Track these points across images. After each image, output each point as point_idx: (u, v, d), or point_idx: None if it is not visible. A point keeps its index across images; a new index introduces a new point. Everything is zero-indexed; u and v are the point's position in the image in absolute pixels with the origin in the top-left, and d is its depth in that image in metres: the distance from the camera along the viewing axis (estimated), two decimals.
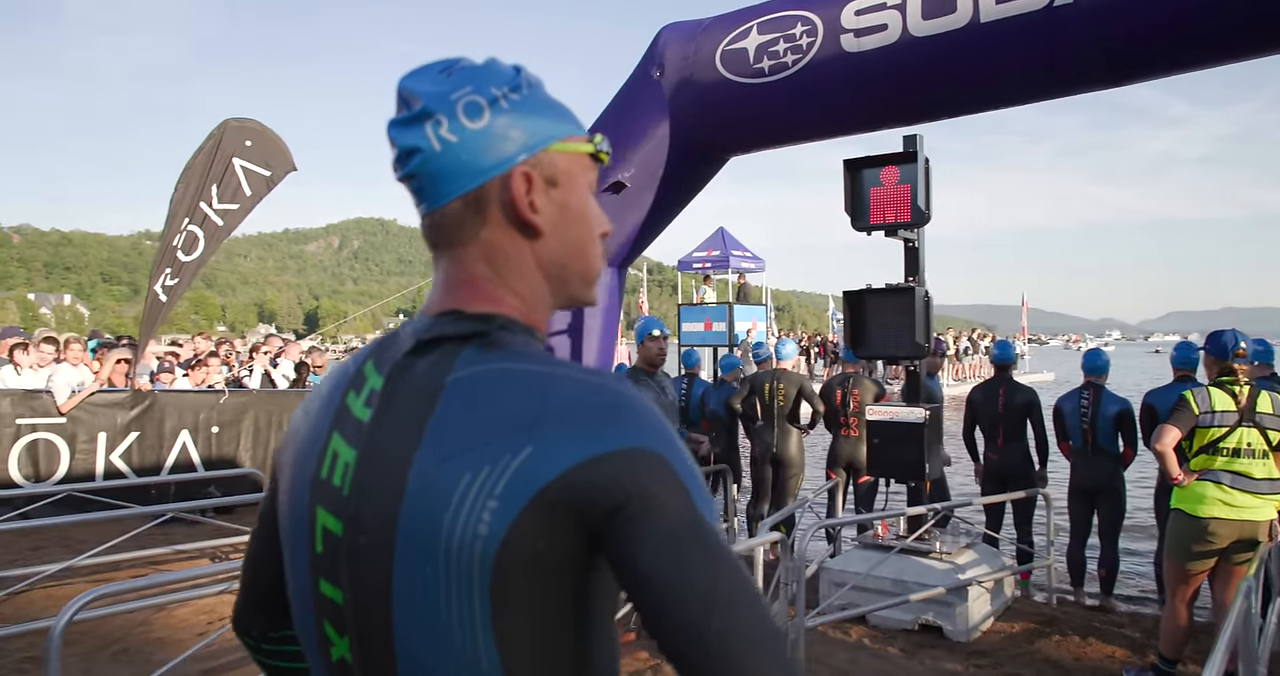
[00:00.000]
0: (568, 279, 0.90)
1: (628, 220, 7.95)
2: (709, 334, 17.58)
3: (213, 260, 42.48)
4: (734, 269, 19.73)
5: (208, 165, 8.18)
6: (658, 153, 7.54)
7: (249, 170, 8.44)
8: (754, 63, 6.76)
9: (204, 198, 8.15)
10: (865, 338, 5.45)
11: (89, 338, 10.96)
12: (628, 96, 7.77)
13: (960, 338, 30.64)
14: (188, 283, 8.41)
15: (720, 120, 7.26)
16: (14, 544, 6.59)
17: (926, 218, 5.20)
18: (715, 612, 0.70)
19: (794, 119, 6.91)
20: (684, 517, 0.73)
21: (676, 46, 7.36)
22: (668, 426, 0.78)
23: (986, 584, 5.27)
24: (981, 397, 6.43)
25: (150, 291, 8.19)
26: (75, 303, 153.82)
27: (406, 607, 0.75)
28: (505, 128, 0.84)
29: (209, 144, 8.23)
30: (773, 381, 6.65)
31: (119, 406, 7.78)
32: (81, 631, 4.56)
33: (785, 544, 4.06)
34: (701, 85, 7.16)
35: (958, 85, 5.91)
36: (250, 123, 8.59)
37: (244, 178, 8.42)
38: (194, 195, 8.11)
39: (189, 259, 8.22)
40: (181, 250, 8.13)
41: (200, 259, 8.31)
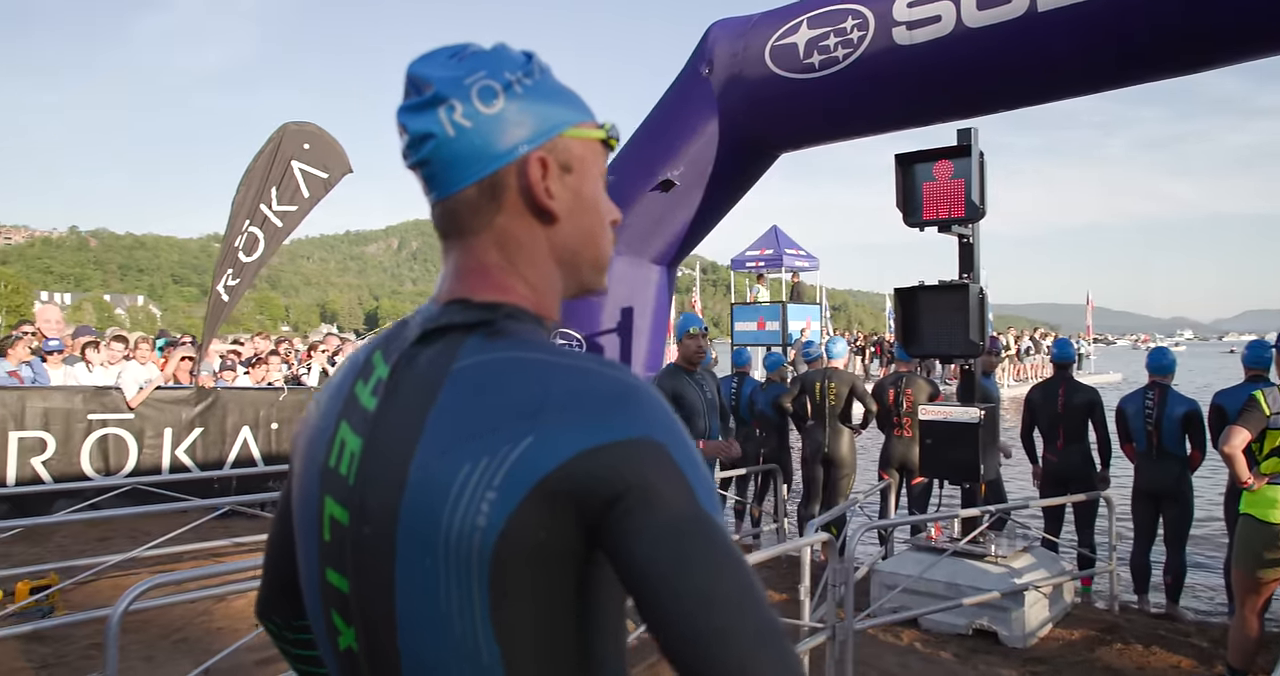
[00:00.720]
0: (580, 266, 0.89)
1: (677, 218, 7.93)
2: (762, 333, 17.45)
3: (277, 262, 43.62)
4: (787, 268, 19.56)
5: (267, 168, 8.38)
6: (707, 150, 7.51)
7: (307, 173, 8.63)
8: (804, 58, 6.68)
9: (264, 200, 8.36)
10: (918, 336, 5.34)
11: (157, 337, 11.33)
12: (676, 94, 7.75)
13: (1022, 337, 29.90)
14: (248, 283, 8.63)
15: (770, 116, 7.19)
16: (84, 534, 6.84)
17: (981, 213, 5.08)
18: (715, 610, 0.67)
19: (845, 114, 6.82)
20: (685, 511, 0.71)
21: (725, 43, 7.32)
22: (673, 417, 0.76)
23: (1045, 589, 5.13)
24: (1040, 398, 6.26)
25: (213, 291, 8.43)
26: (148, 303, 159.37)
27: (408, 599, 0.74)
28: (520, 113, 0.83)
29: (269, 147, 8.43)
30: (824, 380, 6.56)
31: (184, 403, 8.02)
32: (144, 620, 4.71)
33: (834, 544, 3.99)
34: (751, 81, 7.11)
35: (1014, 77, 5.76)
36: (308, 126, 8.79)
37: (302, 180, 8.61)
38: (254, 197, 8.32)
39: (250, 260, 8.44)
40: (243, 251, 8.35)
41: (260, 259, 8.53)
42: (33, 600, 4.73)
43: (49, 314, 8.94)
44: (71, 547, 6.45)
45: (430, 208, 0.87)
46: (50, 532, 6.80)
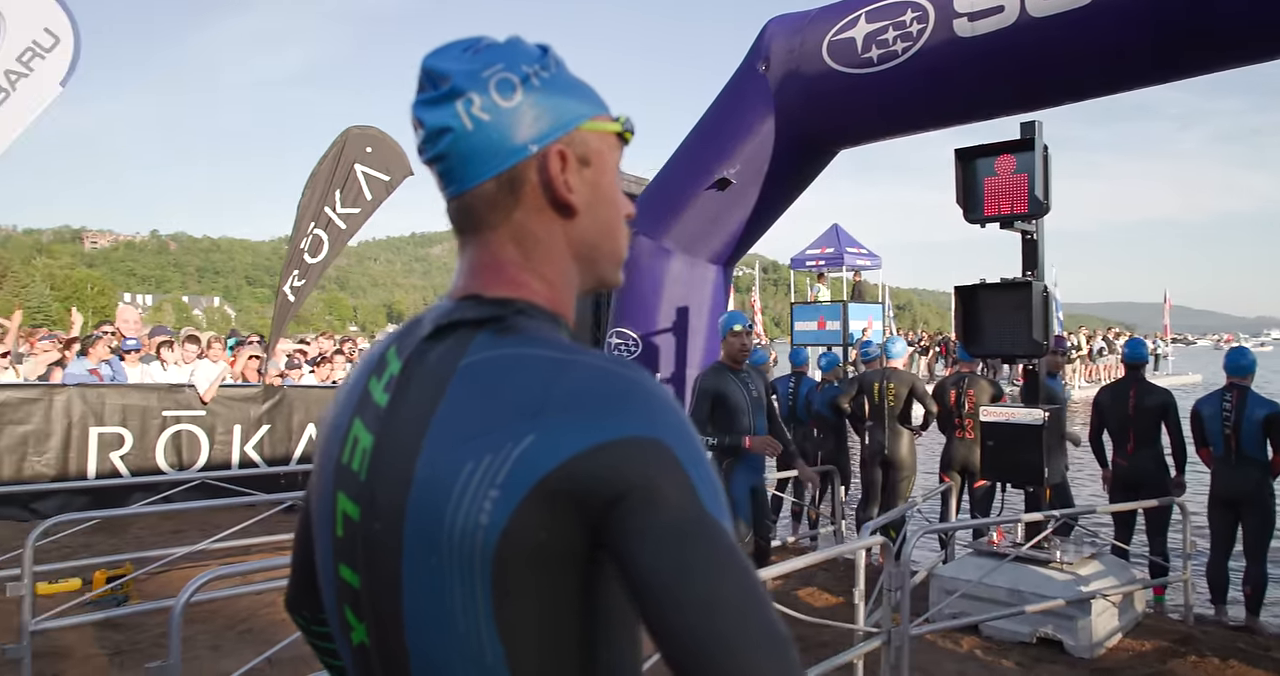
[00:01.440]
0: (598, 260, 0.89)
1: (733, 217, 7.88)
2: (823, 333, 17.23)
3: (344, 263, 44.78)
4: (849, 266, 19.28)
5: (331, 171, 8.59)
6: (763, 148, 7.45)
7: (369, 175, 8.81)
8: (862, 52, 6.58)
9: (328, 202, 8.56)
10: (979, 335, 5.20)
11: (228, 336, 11.70)
12: (732, 92, 7.70)
13: (1094, 337, 28.96)
14: (313, 283, 8.85)
15: (828, 112, 7.10)
16: (158, 526, 7.11)
17: (1045, 208, 4.92)
18: (716, 615, 0.66)
19: (904, 109, 6.69)
20: (688, 513, 0.69)
21: (782, 39, 7.25)
22: (681, 417, 0.74)
23: (1113, 597, 4.95)
24: (1109, 399, 6.04)
25: (280, 292, 8.67)
26: (223, 304, 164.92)
27: (415, 597, 0.74)
28: (538, 106, 0.82)
29: (332, 151, 8.63)
30: (882, 381, 6.44)
31: (252, 400, 8.27)
32: (212, 610, 4.87)
33: (890, 547, 3.91)
34: (808, 77, 7.02)
35: (1080, 67, 5.58)
36: (371, 130, 8.97)
37: (365, 183, 8.79)
38: (319, 200, 8.53)
39: (314, 261, 8.65)
40: (308, 253, 8.57)
41: (324, 261, 8.74)
42: (108, 588, 4.92)
43: (127, 314, 9.31)
44: (146, 539, 6.71)
45: (446, 203, 0.86)
46: (127, 524, 7.09)
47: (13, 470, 7.11)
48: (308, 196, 8.60)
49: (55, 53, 6.81)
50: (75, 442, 7.38)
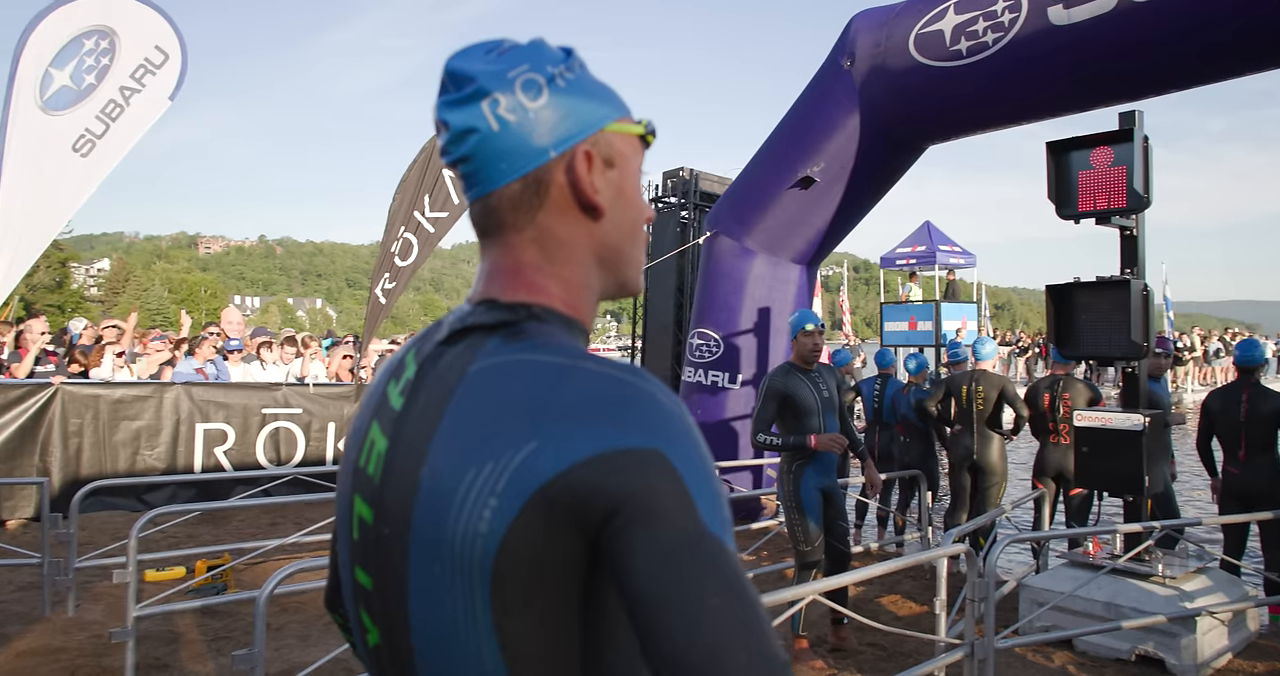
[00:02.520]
0: (620, 263, 0.87)
1: (817, 215, 7.75)
2: (914, 333, 16.77)
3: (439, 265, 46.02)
4: (941, 264, 18.70)
5: (421, 176, 8.82)
6: (848, 145, 7.30)
7: (457, 180, 9.03)
8: (950, 45, 6.38)
9: (417, 207, 8.80)
10: (1073, 336, 4.97)
11: (324, 337, 12.15)
12: (816, 89, 7.58)
13: (1209, 337, 27.36)
14: (404, 286, 9.10)
15: (914, 107, 6.91)
16: (257, 519, 7.43)
17: (1145, 203, 4.67)
18: (707, 636, 0.63)
19: (996, 101, 6.46)
20: (685, 529, 0.66)
21: (868, 34, 7.09)
22: (686, 427, 0.72)
23: (1222, 615, 4.65)
24: (1220, 404, 5.68)
25: (371, 295, 8.95)
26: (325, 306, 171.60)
27: (420, 604, 0.74)
28: (563, 107, 0.81)
29: (421, 157, 8.87)
30: (971, 383, 6.22)
31: (345, 398, 8.57)
32: (303, 601, 5.06)
33: (973, 556, 3.77)
34: (894, 71, 6.85)
35: (1186, 54, 5.28)
36: None
37: (452, 187, 8.99)
38: (409, 205, 8.78)
39: (405, 264, 8.90)
40: (398, 256, 8.82)
41: (414, 264, 8.97)
42: (208, 577, 5.17)
43: (231, 316, 9.78)
44: (245, 530, 7.02)
45: (469, 206, 0.86)
46: (229, 516, 7.44)
47: (127, 463, 7.55)
48: (398, 201, 8.85)
49: (165, 69, 7.20)
50: (183, 438, 7.79)
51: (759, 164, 8.08)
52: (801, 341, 4.50)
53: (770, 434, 4.38)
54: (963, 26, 6.30)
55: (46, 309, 46.18)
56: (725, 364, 8.05)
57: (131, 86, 7.18)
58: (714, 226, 8.38)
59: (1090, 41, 5.54)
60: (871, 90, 7.05)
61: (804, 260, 8.19)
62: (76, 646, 4.39)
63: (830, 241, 8.08)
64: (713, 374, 8.12)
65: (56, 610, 4.89)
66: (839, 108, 7.28)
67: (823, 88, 7.50)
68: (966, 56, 6.28)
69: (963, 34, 6.28)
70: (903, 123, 7.08)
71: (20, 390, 7.17)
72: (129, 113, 7.19)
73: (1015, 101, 6.32)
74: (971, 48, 6.23)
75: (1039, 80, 6.00)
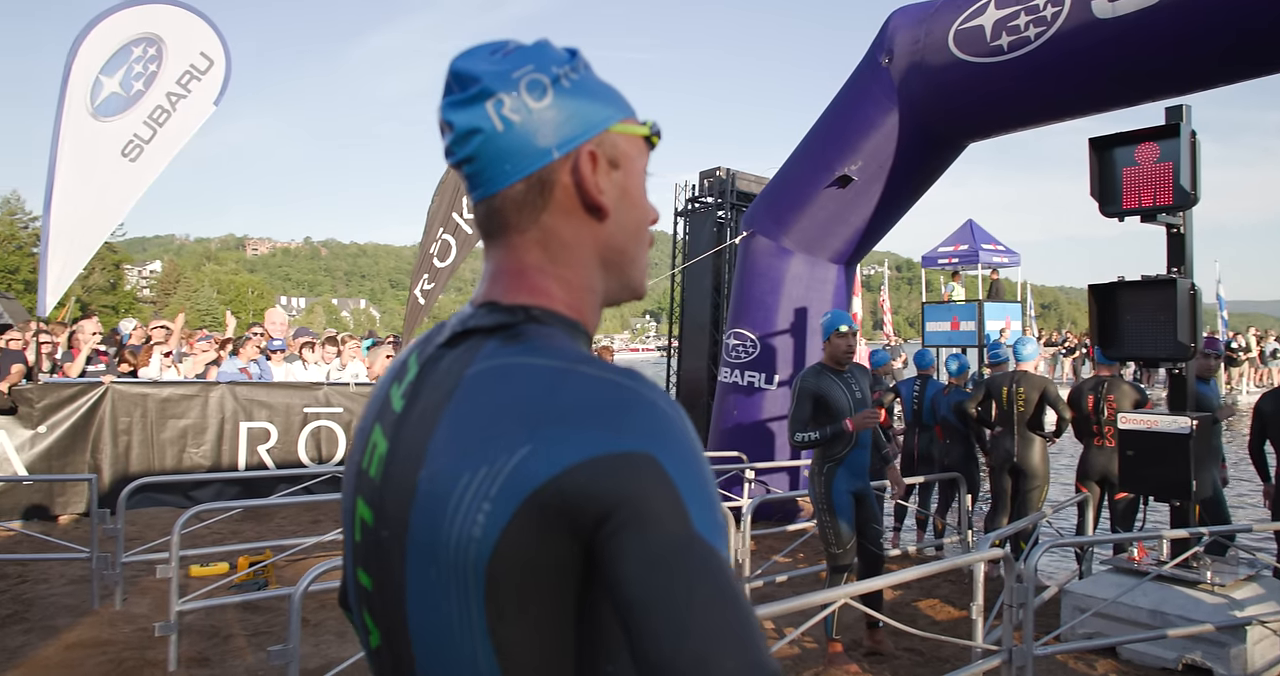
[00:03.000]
0: (624, 265, 0.86)
1: (855, 215, 7.68)
2: (955, 334, 16.55)
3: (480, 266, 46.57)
4: (984, 263, 18.41)
5: (459, 178, 8.91)
6: (886, 143, 7.22)
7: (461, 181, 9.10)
8: (991, 40, 6.27)
9: (456, 208, 8.89)
10: (1117, 337, 4.85)
11: (365, 337, 12.32)
12: (853, 87, 7.50)
13: (1266, 337, 26.55)
14: (442, 286, 9.21)
15: (954, 104, 6.81)
16: (299, 516, 7.56)
17: (1193, 199, 4.54)
18: (696, 643, 0.62)
19: (1037, 97, 6.34)
20: (676, 534, 0.66)
21: (906, 31, 7.00)
22: (680, 430, 0.71)
23: (1274, 624, 4.50)
24: (1273, 407, 5.51)
25: (411, 295, 9.06)
26: (369, 306, 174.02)
27: (417, 607, 0.74)
28: (568, 107, 0.80)
29: None
30: (1011, 384, 6.10)
31: None
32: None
33: (1010, 561, 3.70)
34: (933, 68, 6.76)
35: (1238, 46, 5.13)
36: None
37: None
38: (447, 206, 8.87)
39: (443, 265, 9.00)
40: (436, 257, 8.92)
41: (453, 265, 9.07)
42: (249, 572, 5.27)
43: (275, 317, 9.96)
44: (287, 527, 7.14)
45: (474, 207, 0.85)
46: (272, 513, 7.58)
47: (174, 460, 7.73)
48: (436, 203, 8.96)
49: (209, 74, 7.35)
50: (228, 436, 7.95)
51: (796, 163, 8.02)
52: (835, 343, 4.45)
53: (806, 432, 4.35)
54: (1004, 21, 6.19)
55: (101, 309, 47.50)
56: (762, 364, 8.00)
57: (177, 92, 7.35)
58: (750, 226, 8.33)
59: (1136, 35, 5.41)
60: (910, 87, 6.96)
61: (842, 260, 8.12)
62: (123, 639, 4.51)
63: (869, 241, 8.00)
64: (749, 374, 8.09)
65: (104, 603, 5.02)
66: (877, 106, 7.20)
67: (860, 85, 7.42)
68: (1007, 52, 6.17)
69: (1004, 29, 6.17)
70: (942, 120, 6.98)
71: (73, 389, 7.38)
72: (175, 118, 7.36)
73: (1057, 97, 6.19)
74: (1013, 43, 6.12)
75: (1082, 75, 5.88)
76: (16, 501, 7.16)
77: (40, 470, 7.10)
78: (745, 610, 0.65)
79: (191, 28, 7.44)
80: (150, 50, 7.29)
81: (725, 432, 8.28)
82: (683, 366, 10.48)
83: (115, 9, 7.31)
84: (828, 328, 4.50)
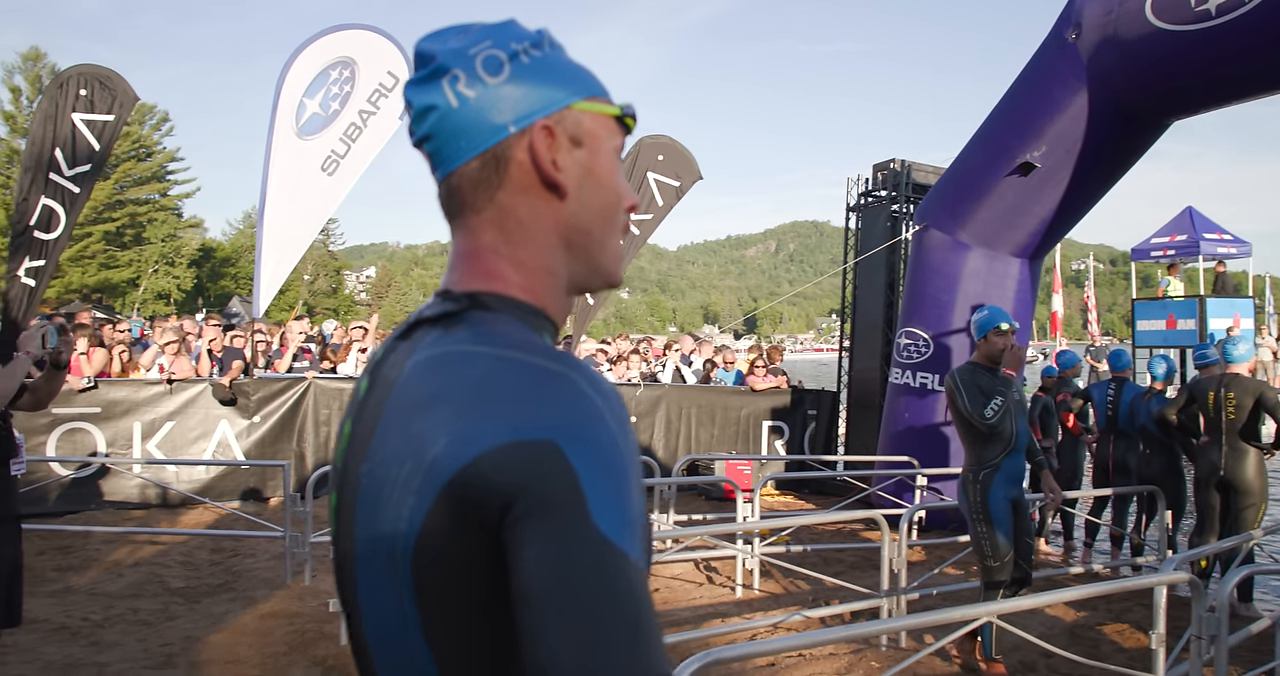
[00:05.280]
0: (590, 247, 0.82)
1: (1039, 204, 7.16)
2: (1172, 333, 15.04)
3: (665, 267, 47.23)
4: (1207, 255, 16.57)
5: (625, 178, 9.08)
6: (1074, 125, 6.67)
7: (660, 182, 9.20)
8: (1196, 5, 5.65)
9: None
10: None
11: None
12: (1037, 67, 6.98)
13: None
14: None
15: (1153, 79, 6.18)
16: None
17: None
18: (577, 643, 0.59)
19: (1253, 66, 5.65)
20: (570, 524, 0.62)
21: (1096, 2, 6.43)
22: (593, 418, 0.66)
23: None
24: None
25: (581, 297, 9.33)
26: None
27: (367, 600, 0.73)
28: (526, 83, 0.78)
29: (626, 162, 9.07)
30: (1220, 389, 5.42)
31: None
32: None
33: (1197, 586, 3.29)
34: (1128, 41, 6.17)
35: None
36: (663, 139, 9.37)
37: (656, 190, 9.20)
38: None
39: None
40: None
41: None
42: None
43: None
44: None
45: (436, 189, 0.83)
46: None
47: None
48: None
49: (395, 91, 7.90)
50: None
51: (973, 151, 7.56)
52: (993, 341, 4.15)
53: (990, 402, 4.01)
54: None
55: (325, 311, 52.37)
56: (935, 365, 7.60)
57: (368, 109, 7.96)
58: (924, 219, 7.94)
59: None
60: (1101, 63, 6.38)
61: (1025, 253, 7.57)
62: (309, 612, 4.92)
63: (1055, 232, 7.41)
64: (921, 375, 7.71)
65: (295, 578, 5.51)
66: (1063, 85, 6.65)
67: (1044, 65, 6.89)
68: (1215, 16, 5.52)
69: None
70: (1139, 97, 6.35)
71: (281, 383, 8.17)
72: (366, 134, 7.97)
73: (1276, 65, 5.47)
74: (1221, 6, 5.46)
75: None
76: (237, 484, 8.01)
77: (254, 456, 7.90)
78: (640, 613, 0.61)
79: (381, 49, 8.03)
80: (345, 72, 7.94)
81: (896, 436, 7.94)
82: (854, 367, 10.14)
83: (316, 37, 8.03)
84: (984, 325, 4.20)
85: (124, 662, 4.11)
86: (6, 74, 36.45)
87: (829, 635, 3.35)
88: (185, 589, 5.38)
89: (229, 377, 7.89)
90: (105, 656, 4.19)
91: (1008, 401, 4.03)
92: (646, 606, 0.62)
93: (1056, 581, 6.06)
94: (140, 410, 7.69)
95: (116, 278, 40.11)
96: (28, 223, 7.13)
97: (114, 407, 7.59)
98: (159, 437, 7.73)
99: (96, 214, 37.94)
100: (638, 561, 0.64)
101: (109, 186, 38.24)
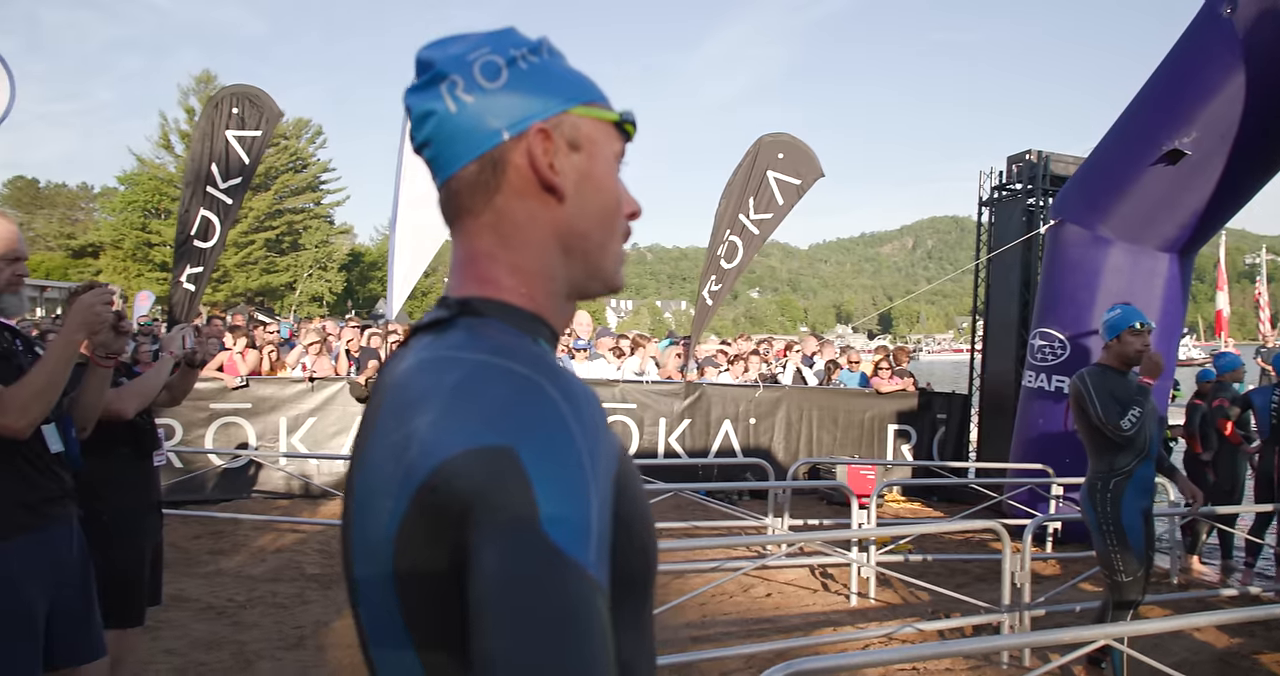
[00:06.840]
0: (589, 252, 0.83)
1: (1190, 195, 6.65)
2: None
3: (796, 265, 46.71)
4: None
5: (745, 180, 9.00)
6: (1229, 109, 6.17)
7: (781, 181, 9.07)
8: None
9: (742, 210, 9.00)
10: None
11: (666, 336, 12.87)
12: (1186, 47, 6.49)
13: None
14: (729, 287, 9.37)
15: None
16: None
17: None
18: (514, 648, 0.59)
19: None
20: (518, 532, 0.62)
21: None
22: (556, 424, 0.66)
23: None
24: None
25: (699, 296, 9.32)
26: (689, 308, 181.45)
27: (364, 605, 0.74)
28: (524, 88, 0.79)
29: (746, 161, 9.05)
30: None
31: (674, 395, 9.01)
32: None
33: None
34: None
35: None
36: (783, 136, 9.23)
37: (776, 188, 9.07)
38: (734, 208, 9.00)
39: (730, 266, 9.15)
40: (723, 259, 9.09)
41: (739, 265, 9.19)
42: None
43: (581, 318, 10.75)
44: None
45: (437, 196, 0.85)
46: None
47: None
48: (723, 206, 9.13)
49: None
50: None
51: (1114, 140, 7.09)
52: (1128, 341, 3.86)
53: (1129, 411, 3.72)
54: None
55: None
56: (1071, 368, 7.14)
57: None
58: (1060, 213, 7.50)
59: None
60: (1260, 39, 5.85)
61: (1175, 248, 7.03)
62: None
63: (1208, 225, 6.86)
64: (1056, 379, 7.29)
65: None
66: (1216, 65, 6.14)
67: (1195, 44, 6.38)
68: None
69: None
70: None
71: None
72: None
73: None
74: None
75: None
76: None
77: None
78: (575, 620, 0.61)
79: None
80: None
81: (1029, 443, 7.54)
82: (987, 369, 9.67)
83: None
84: (1117, 324, 3.91)
85: (260, 642, 4.41)
86: (182, 96, 39.94)
87: (936, 649, 3.23)
88: (320, 575, 5.71)
89: (364, 376, 8.33)
90: (244, 635, 4.51)
91: (1145, 411, 3.74)
92: (592, 616, 0.62)
93: (1208, 603, 5.60)
94: (286, 406, 8.22)
95: (276, 282, 43.05)
96: (189, 233, 7.88)
97: (263, 403, 8.15)
98: (302, 432, 8.24)
99: (259, 223, 40.78)
100: (590, 570, 0.63)
101: (269, 197, 41.00)
